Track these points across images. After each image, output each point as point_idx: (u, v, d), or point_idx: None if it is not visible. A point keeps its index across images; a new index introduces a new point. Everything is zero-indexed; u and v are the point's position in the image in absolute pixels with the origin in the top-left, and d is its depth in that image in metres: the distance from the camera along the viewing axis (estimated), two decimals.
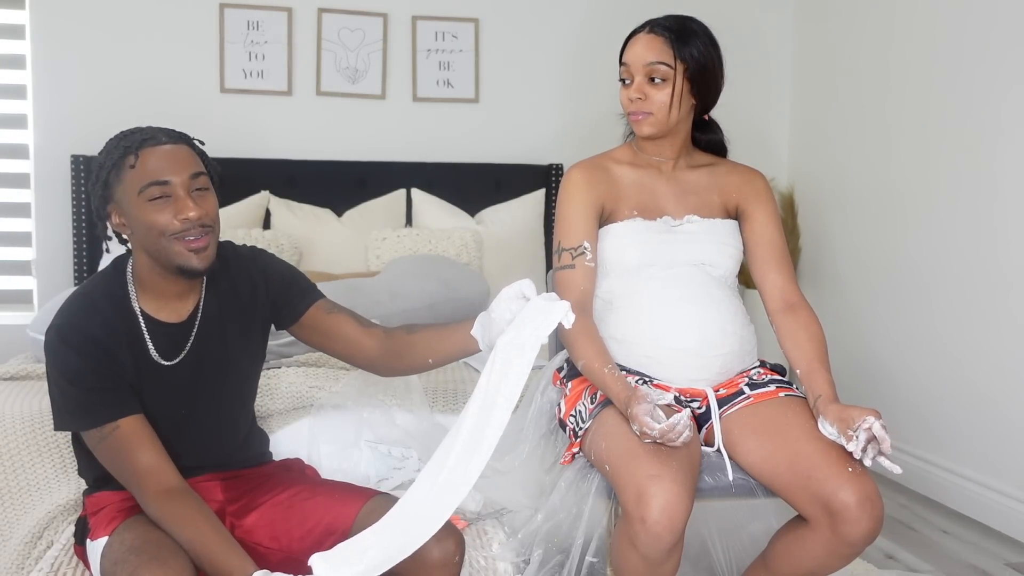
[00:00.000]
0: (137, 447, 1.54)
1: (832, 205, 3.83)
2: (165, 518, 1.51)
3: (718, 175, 2.01)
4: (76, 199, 3.47)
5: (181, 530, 1.49)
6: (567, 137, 3.89)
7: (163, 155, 1.54)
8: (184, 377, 1.65)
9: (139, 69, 3.58)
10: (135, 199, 1.53)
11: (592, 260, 1.90)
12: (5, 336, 3.33)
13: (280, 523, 1.65)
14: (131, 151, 1.54)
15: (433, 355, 1.71)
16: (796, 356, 1.86)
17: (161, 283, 1.61)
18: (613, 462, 1.67)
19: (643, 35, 1.91)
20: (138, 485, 1.54)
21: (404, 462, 2.03)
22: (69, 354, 1.54)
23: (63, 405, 1.56)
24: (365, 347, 1.75)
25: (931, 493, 3.21)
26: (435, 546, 1.53)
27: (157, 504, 1.52)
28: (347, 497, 1.64)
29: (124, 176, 1.54)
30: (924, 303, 3.27)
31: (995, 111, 2.94)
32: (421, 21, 3.81)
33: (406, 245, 3.44)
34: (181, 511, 1.51)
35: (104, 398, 1.54)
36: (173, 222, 1.53)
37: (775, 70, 4.16)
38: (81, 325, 1.56)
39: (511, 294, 1.58)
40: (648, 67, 1.87)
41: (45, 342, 1.58)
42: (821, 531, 1.66)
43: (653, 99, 1.88)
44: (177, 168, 1.54)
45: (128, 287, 1.62)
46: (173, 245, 1.54)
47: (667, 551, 1.59)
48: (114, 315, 1.59)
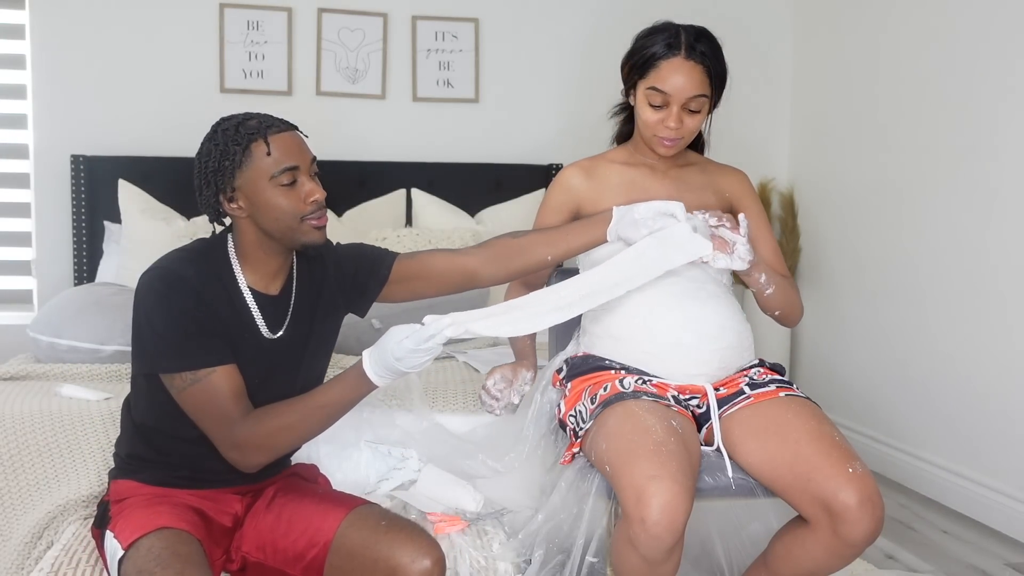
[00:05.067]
0: (229, 394, 1.56)
1: (832, 205, 3.83)
2: (266, 432, 1.55)
3: (709, 173, 2.03)
4: (76, 199, 3.46)
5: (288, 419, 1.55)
6: (567, 137, 3.89)
7: (289, 142, 1.59)
8: (282, 350, 1.67)
9: (139, 69, 3.58)
10: (265, 184, 1.56)
11: None
12: (5, 336, 3.33)
13: (267, 533, 1.65)
14: (258, 137, 1.56)
15: (553, 250, 1.82)
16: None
17: (264, 258, 1.65)
18: (613, 462, 1.67)
19: (682, 63, 1.85)
20: (223, 429, 1.56)
21: (404, 462, 2.03)
22: (172, 297, 1.55)
23: (158, 347, 1.55)
24: (463, 265, 1.80)
25: (931, 493, 3.21)
26: (411, 565, 1.53)
27: (247, 433, 1.55)
28: (330, 508, 1.64)
29: (253, 163, 1.56)
30: (923, 303, 3.27)
31: (994, 112, 2.94)
32: (421, 21, 3.81)
33: (406, 245, 3.43)
34: (271, 413, 1.56)
35: (203, 344, 1.56)
36: (303, 205, 1.58)
37: (775, 70, 4.16)
38: (187, 275, 1.57)
39: (660, 208, 1.75)
40: (690, 100, 1.86)
41: (143, 285, 1.57)
42: (821, 532, 1.66)
43: (687, 127, 1.89)
44: (303, 153, 1.60)
45: (232, 261, 1.64)
46: (301, 225, 1.59)
47: (667, 551, 1.59)
48: (216, 275, 1.61)
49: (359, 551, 1.57)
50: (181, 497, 1.64)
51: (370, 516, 1.62)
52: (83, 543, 1.75)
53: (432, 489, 1.96)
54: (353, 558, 1.57)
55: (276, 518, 1.66)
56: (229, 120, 1.61)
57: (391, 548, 1.55)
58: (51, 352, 2.52)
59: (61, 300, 2.62)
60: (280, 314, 1.67)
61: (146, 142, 3.51)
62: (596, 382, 1.86)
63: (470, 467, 2.02)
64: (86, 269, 3.47)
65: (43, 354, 2.54)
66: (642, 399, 1.77)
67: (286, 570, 1.62)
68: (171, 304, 1.55)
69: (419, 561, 1.53)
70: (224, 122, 1.61)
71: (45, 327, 2.53)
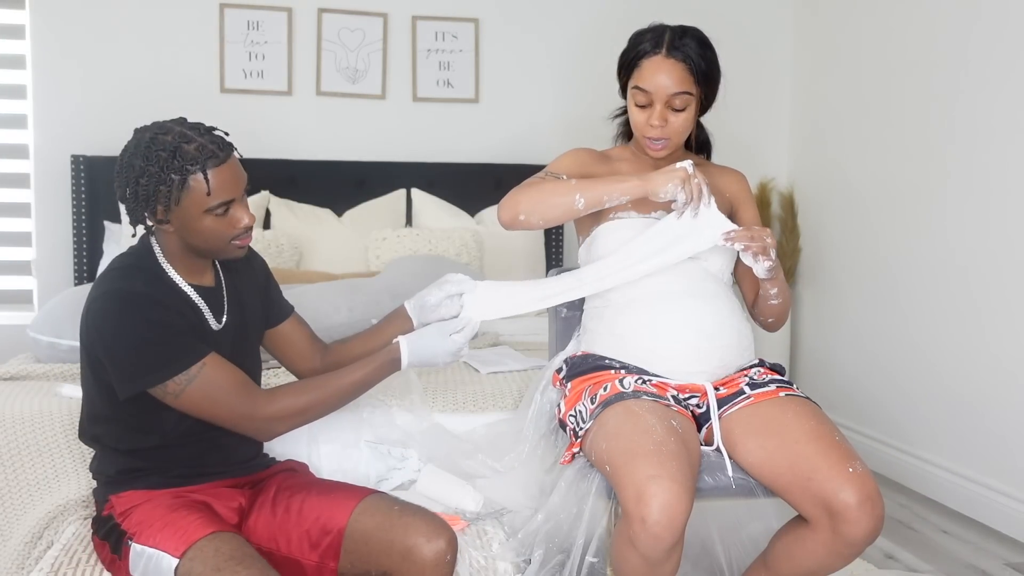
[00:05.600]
0: (230, 378, 1.60)
1: (832, 205, 3.83)
2: (296, 406, 1.63)
3: (709, 174, 2.02)
4: (76, 199, 3.47)
5: (318, 395, 1.66)
6: (567, 137, 3.87)
7: (227, 175, 1.59)
8: (227, 341, 1.70)
9: (139, 69, 3.58)
10: (200, 214, 1.58)
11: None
12: (5, 336, 3.33)
13: (279, 525, 1.67)
14: (196, 170, 1.55)
15: (368, 347, 1.88)
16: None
17: (189, 259, 1.68)
18: (613, 462, 1.67)
19: (663, 60, 1.86)
20: (239, 409, 1.60)
21: (404, 462, 2.03)
22: (138, 313, 1.56)
23: (142, 363, 1.55)
24: (311, 360, 1.91)
25: (931, 493, 3.21)
26: (427, 545, 1.56)
27: (274, 408, 1.62)
28: (341, 497, 1.66)
29: (190, 195, 1.57)
30: (923, 303, 3.27)
31: (995, 111, 2.94)
32: (421, 21, 3.82)
33: (406, 245, 3.43)
34: (307, 386, 1.67)
35: (181, 343, 1.58)
36: (233, 230, 1.62)
37: (775, 70, 4.16)
38: (135, 288, 1.59)
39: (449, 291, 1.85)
40: (672, 97, 1.86)
41: (94, 315, 1.57)
42: (822, 531, 1.66)
43: (673, 126, 1.89)
44: (239, 182, 1.62)
45: (163, 264, 1.66)
46: (227, 246, 1.64)
47: (667, 551, 1.59)
48: (159, 281, 1.64)
49: (374, 534, 1.59)
50: (191, 496, 1.65)
51: (382, 502, 1.64)
52: (83, 543, 1.75)
53: (432, 489, 1.96)
54: (368, 542, 1.59)
55: (286, 510, 1.67)
56: (162, 134, 1.56)
57: (405, 530, 1.58)
58: (51, 352, 2.52)
59: (61, 300, 2.62)
60: (219, 303, 1.72)
61: None
62: (596, 382, 1.86)
63: (470, 467, 2.02)
64: (86, 269, 3.47)
65: (43, 354, 2.54)
66: (642, 399, 1.77)
67: (300, 559, 1.64)
68: (135, 319, 1.55)
69: (434, 542, 1.57)
70: (158, 138, 1.56)
71: (45, 327, 2.53)
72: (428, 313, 1.86)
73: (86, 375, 1.65)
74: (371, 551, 1.60)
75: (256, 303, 1.81)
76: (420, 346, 1.75)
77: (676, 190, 1.77)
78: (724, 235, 1.79)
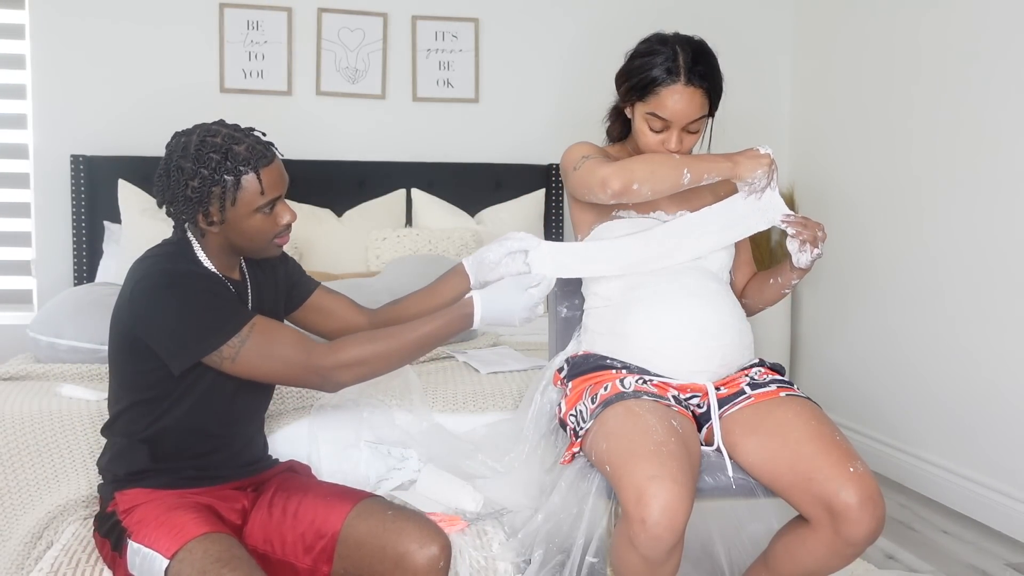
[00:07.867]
0: (281, 329, 1.62)
1: (832, 205, 3.82)
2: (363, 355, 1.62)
3: None
4: (76, 199, 3.47)
5: (387, 345, 1.64)
6: (567, 137, 3.86)
7: (276, 173, 1.64)
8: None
9: (139, 69, 3.58)
10: (249, 212, 1.61)
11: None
12: (5, 336, 3.33)
13: (273, 527, 1.67)
14: (249, 170, 1.59)
15: (424, 307, 1.86)
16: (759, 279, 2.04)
17: (225, 255, 1.71)
18: (613, 462, 1.67)
19: (683, 89, 1.84)
20: (300, 361, 1.60)
21: (404, 462, 2.03)
22: (183, 285, 1.58)
23: (198, 332, 1.57)
24: (355, 321, 1.89)
25: (931, 493, 3.21)
26: (419, 551, 1.56)
27: (341, 356, 1.61)
28: (337, 501, 1.66)
29: (244, 196, 1.60)
30: (923, 303, 3.27)
31: (997, 109, 2.94)
32: (421, 21, 3.82)
33: (406, 245, 3.43)
34: (374, 336, 1.64)
35: (231, 307, 1.61)
36: (276, 227, 1.66)
37: (775, 70, 4.16)
38: (179, 266, 1.62)
39: (510, 247, 1.83)
40: (690, 123, 1.88)
41: (149, 290, 1.58)
42: (822, 531, 1.66)
43: (686, 145, 1.92)
44: (285, 182, 1.66)
45: (200, 257, 1.68)
46: (269, 244, 1.68)
47: (667, 552, 1.59)
48: (198, 267, 1.67)
49: (367, 540, 1.59)
50: (195, 497, 1.65)
51: (377, 507, 1.64)
52: (83, 543, 1.75)
53: (432, 489, 1.96)
54: (361, 547, 1.59)
55: (282, 512, 1.67)
56: (210, 137, 1.59)
57: (399, 536, 1.58)
58: (51, 352, 2.52)
59: (61, 300, 2.62)
60: (244, 297, 1.74)
61: (146, 142, 3.51)
62: (597, 381, 1.86)
63: (470, 467, 2.02)
64: (86, 269, 3.47)
65: (43, 354, 2.53)
66: (643, 399, 1.77)
67: (294, 562, 1.64)
68: (185, 291, 1.58)
69: (427, 548, 1.57)
70: (207, 141, 1.59)
71: (45, 327, 2.52)
72: (487, 271, 1.84)
73: (119, 362, 1.66)
74: (364, 556, 1.59)
75: (274, 297, 1.83)
76: (494, 300, 1.71)
77: (762, 175, 1.83)
78: (783, 216, 1.86)
